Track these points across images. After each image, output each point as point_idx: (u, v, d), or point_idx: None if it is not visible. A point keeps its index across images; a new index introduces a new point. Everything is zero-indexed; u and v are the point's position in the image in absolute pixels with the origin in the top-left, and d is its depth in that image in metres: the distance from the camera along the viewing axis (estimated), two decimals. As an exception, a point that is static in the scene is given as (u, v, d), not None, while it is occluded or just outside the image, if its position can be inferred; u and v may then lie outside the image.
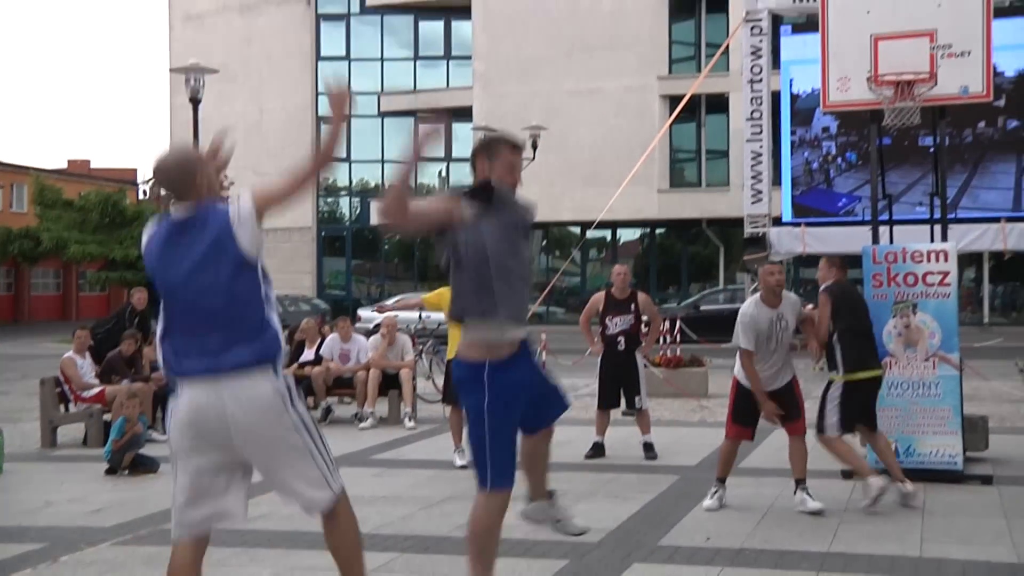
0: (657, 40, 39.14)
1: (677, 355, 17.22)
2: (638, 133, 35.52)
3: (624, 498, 8.76)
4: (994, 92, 12.68)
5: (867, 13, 11.88)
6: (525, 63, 39.53)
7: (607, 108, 38.54)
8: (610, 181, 28.57)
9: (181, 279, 4.58)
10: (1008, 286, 38.94)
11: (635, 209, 36.71)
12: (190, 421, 4.55)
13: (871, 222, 11.84)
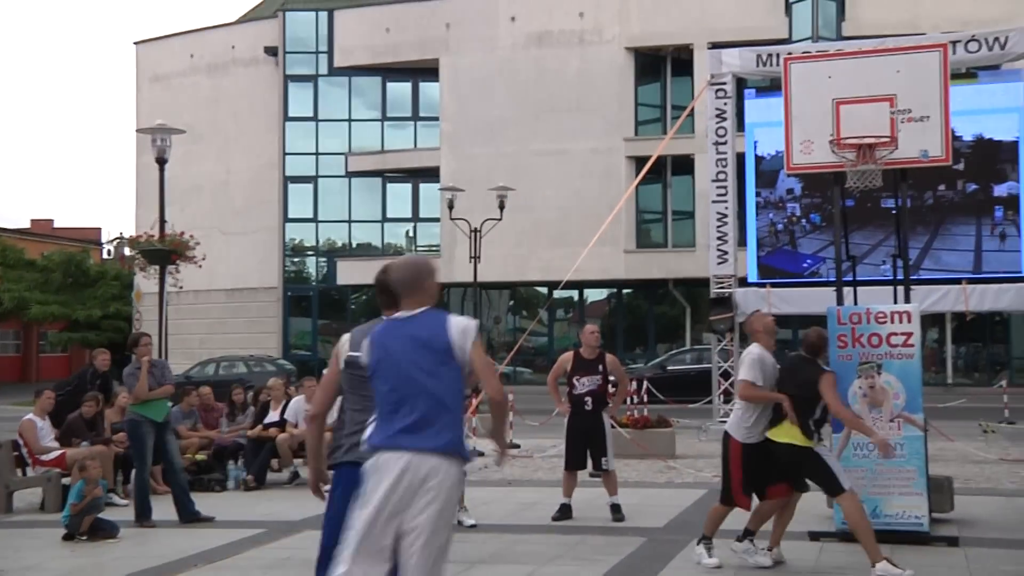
0: (623, 102, 39.52)
1: (644, 415, 17.23)
2: (605, 194, 35.73)
3: (591, 560, 8.72)
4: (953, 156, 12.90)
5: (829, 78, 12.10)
6: (492, 124, 39.76)
7: (574, 169, 38.75)
8: (577, 241, 28.67)
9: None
10: (971, 347, 39.32)
11: (602, 269, 36.83)
12: None
13: (835, 283, 11.98)
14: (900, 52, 12.90)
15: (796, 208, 22.03)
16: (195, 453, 13.88)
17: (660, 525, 10.42)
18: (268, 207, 43.34)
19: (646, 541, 9.54)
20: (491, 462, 16.03)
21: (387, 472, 5.05)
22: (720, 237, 20.30)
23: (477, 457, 16.33)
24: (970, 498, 11.39)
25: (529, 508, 11.27)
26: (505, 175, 32.56)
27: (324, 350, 43.85)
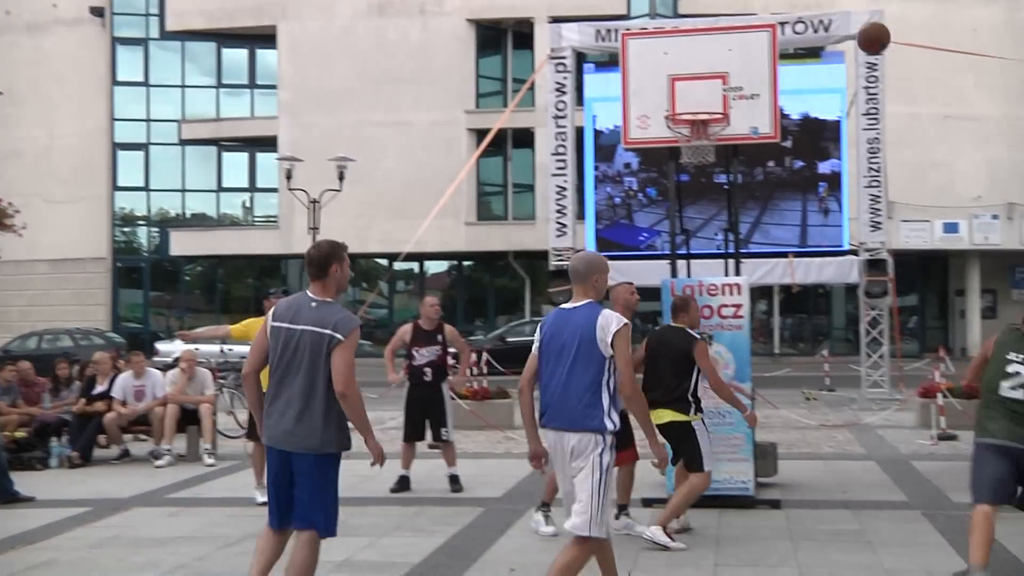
0: (464, 75, 39.55)
1: (483, 387, 17.35)
2: (445, 166, 35.67)
3: (429, 532, 8.78)
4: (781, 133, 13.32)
5: (664, 54, 12.33)
6: (332, 94, 39.29)
7: (415, 141, 38.64)
8: (417, 213, 28.55)
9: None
10: (796, 318, 40.88)
11: (442, 241, 36.93)
12: None
13: (670, 256, 12.24)
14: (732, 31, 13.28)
15: (633, 182, 22.42)
16: (14, 430, 13.37)
17: (497, 495, 10.54)
18: (96, 175, 41.92)
19: (484, 511, 9.65)
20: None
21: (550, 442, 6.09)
22: (559, 210, 20.56)
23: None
24: (792, 463, 11.85)
25: (367, 480, 11.25)
26: (345, 145, 32.26)
27: (156, 323, 42.77)
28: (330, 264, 6.10)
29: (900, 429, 15.72)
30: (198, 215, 43.50)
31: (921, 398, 16.04)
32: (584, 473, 5.84)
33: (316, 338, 5.84)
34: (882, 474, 11.59)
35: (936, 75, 34.32)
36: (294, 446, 5.89)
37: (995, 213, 37.66)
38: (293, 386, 5.90)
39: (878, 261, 19.88)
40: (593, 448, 5.85)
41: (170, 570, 7.56)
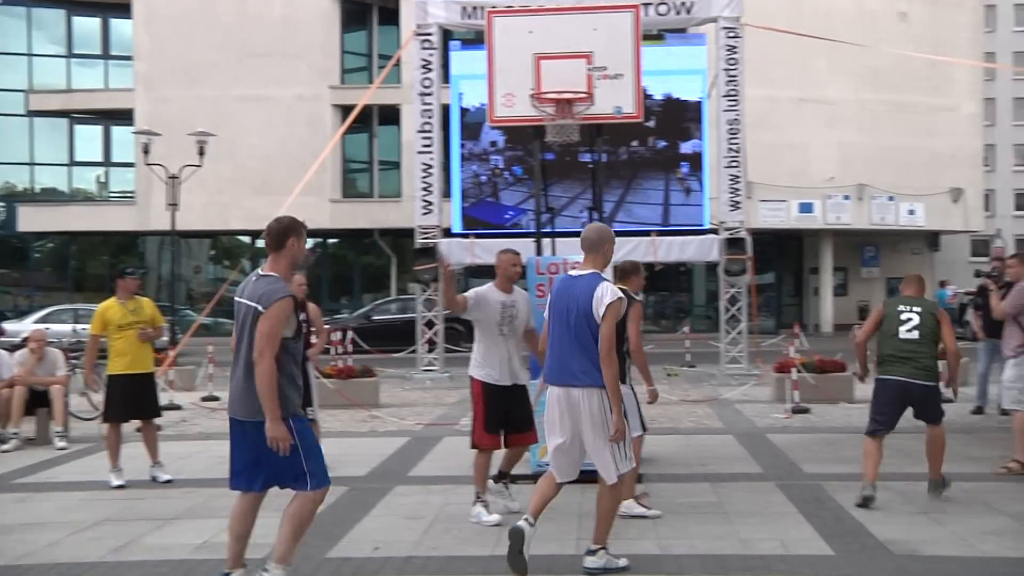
0: (329, 50, 39.08)
1: (349, 365, 17.24)
2: (310, 142, 35.26)
3: (291, 512, 8.67)
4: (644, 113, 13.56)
5: (530, 33, 12.41)
6: (191, 67, 38.37)
7: (278, 116, 38.07)
8: (281, 190, 28.23)
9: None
10: (659, 296, 41.66)
11: (307, 219, 34.70)
12: None
13: (535, 234, 12.33)
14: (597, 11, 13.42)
15: (499, 160, 22.50)
16: None
17: (362, 474, 10.49)
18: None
19: (348, 490, 9.58)
20: (188, 416, 15.68)
21: (550, 397, 6.78)
22: (425, 188, 20.53)
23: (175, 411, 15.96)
24: (654, 437, 12.02)
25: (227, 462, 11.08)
26: (206, 120, 31.58)
27: (3, 302, 41.25)
28: (287, 237, 6.28)
29: (757, 403, 16.11)
30: (48, 190, 42.20)
31: (776, 373, 16.47)
32: (596, 430, 6.57)
33: (251, 311, 6.00)
34: (739, 447, 11.87)
35: (792, 59, 35.22)
36: (243, 414, 6.04)
37: (847, 194, 38.96)
38: (240, 357, 6.07)
39: (737, 240, 20.33)
40: (600, 403, 6.55)
41: (17, 558, 7.32)
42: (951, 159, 40.79)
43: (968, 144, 41.98)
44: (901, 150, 39.40)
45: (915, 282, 9.27)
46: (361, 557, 7.28)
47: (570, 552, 7.27)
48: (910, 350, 8.79)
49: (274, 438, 5.86)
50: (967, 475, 9.92)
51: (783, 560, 6.99)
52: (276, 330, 5.88)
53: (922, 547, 7.26)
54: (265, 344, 5.82)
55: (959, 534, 7.62)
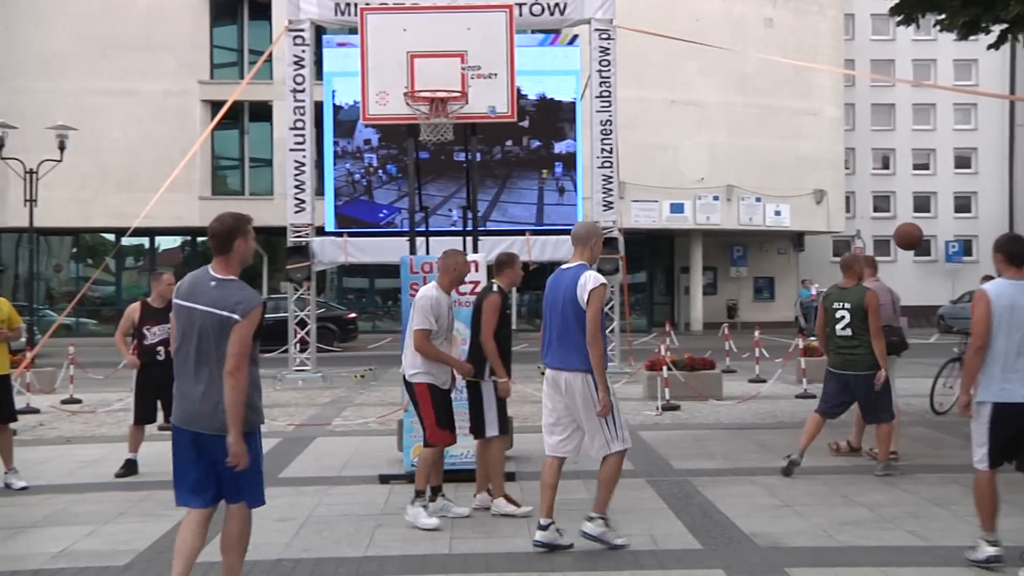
0: (198, 43, 38.31)
1: (218, 366, 16.88)
2: (178, 138, 34.61)
3: (158, 516, 8.47)
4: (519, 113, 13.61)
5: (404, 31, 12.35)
6: (50, 58, 37.15)
7: (144, 111, 37.17)
8: (148, 187, 27.57)
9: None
10: (533, 295, 41.78)
11: (175, 216, 35.77)
12: None
13: (409, 233, 12.27)
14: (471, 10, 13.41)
15: (373, 159, 22.38)
16: None
17: (233, 475, 10.28)
18: None
19: (218, 492, 9.39)
20: (46, 419, 15.18)
21: (546, 380, 7.50)
22: (298, 186, 20.26)
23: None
24: (527, 435, 12.08)
25: (90, 466, 10.78)
26: (66, 114, 30.65)
27: None
28: (234, 238, 5.91)
29: (629, 401, 16.28)
30: None
31: (648, 371, 16.71)
32: (587, 409, 7.14)
33: (215, 319, 5.60)
34: (611, 445, 12.02)
35: (663, 62, 35.80)
36: (202, 427, 5.66)
37: (716, 195, 39.75)
38: (196, 368, 5.69)
39: (610, 240, 20.43)
40: (583, 384, 7.10)
41: None
42: (814, 162, 41.98)
43: (830, 148, 43.27)
44: (767, 152, 40.37)
45: (849, 269, 10.00)
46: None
47: (442, 551, 7.25)
48: (846, 346, 9.78)
49: (237, 454, 5.51)
50: (826, 468, 10.24)
51: (653, 555, 7.10)
52: (251, 340, 5.60)
53: (785, 539, 7.45)
54: (244, 354, 5.53)
55: (820, 525, 7.85)
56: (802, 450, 9.78)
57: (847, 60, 47.02)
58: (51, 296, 39.20)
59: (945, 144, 52.28)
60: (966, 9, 13.39)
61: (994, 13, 13.29)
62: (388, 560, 7.06)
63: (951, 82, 49.02)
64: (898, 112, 52.07)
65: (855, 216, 49.61)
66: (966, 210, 52.12)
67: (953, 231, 51.35)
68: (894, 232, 11.13)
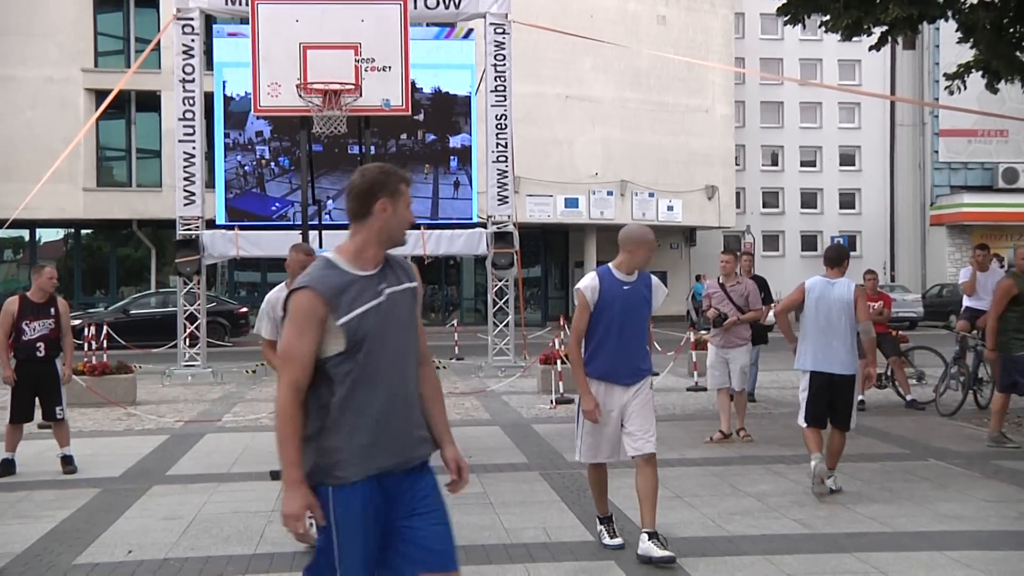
0: (81, 30, 37.25)
1: (103, 362, 16.55)
2: (60, 127, 33.74)
3: (36, 517, 8.26)
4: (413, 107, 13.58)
5: (296, 22, 12.23)
6: (-72, 44, 35.92)
7: (23, 98, 36.05)
8: (29, 177, 26.92)
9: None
10: (428, 288, 41.74)
11: (57, 208, 34.89)
12: None
13: (302, 226, 12.17)
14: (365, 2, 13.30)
15: (265, 151, 22.08)
16: None
17: (116, 475, 10.09)
18: None
19: (100, 492, 9.21)
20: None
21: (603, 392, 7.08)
22: (187, 178, 19.88)
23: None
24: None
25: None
26: (-56, 101, 29.71)
27: None
28: (374, 198, 3.98)
29: (523, 395, 16.39)
30: None
31: (542, 365, 16.79)
32: (646, 407, 7.04)
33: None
34: (505, 438, 12.05)
35: (558, 57, 35.98)
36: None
37: (610, 190, 40.09)
38: None
39: (505, 234, 20.53)
40: (646, 387, 7.08)
41: None
42: (706, 158, 42.60)
43: (721, 144, 43.95)
44: (660, 148, 40.87)
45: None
46: (113, 562, 6.99)
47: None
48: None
49: (283, 514, 3.94)
50: (716, 459, 10.40)
51: (546, 547, 7.13)
52: (293, 342, 3.87)
53: (675, 529, 7.54)
54: (280, 364, 3.93)
55: (709, 516, 7.98)
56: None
57: (737, 58, 47.79)
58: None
59: (831, 142, 53.47)
60: (848, 11, 13.73)
61: (875, 16, 13.64)
62: (279, 557, 6.97)
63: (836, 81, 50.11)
64: (786, 110, 53.10)
65: (745, 212, 50.48)
66: (850, 206, 53.40)
67: (838, 226, 52.58)
68: None
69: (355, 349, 3.81)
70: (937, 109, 48.16)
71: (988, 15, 13.75)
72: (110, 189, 38.04)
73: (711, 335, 11.94)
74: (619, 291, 6.90)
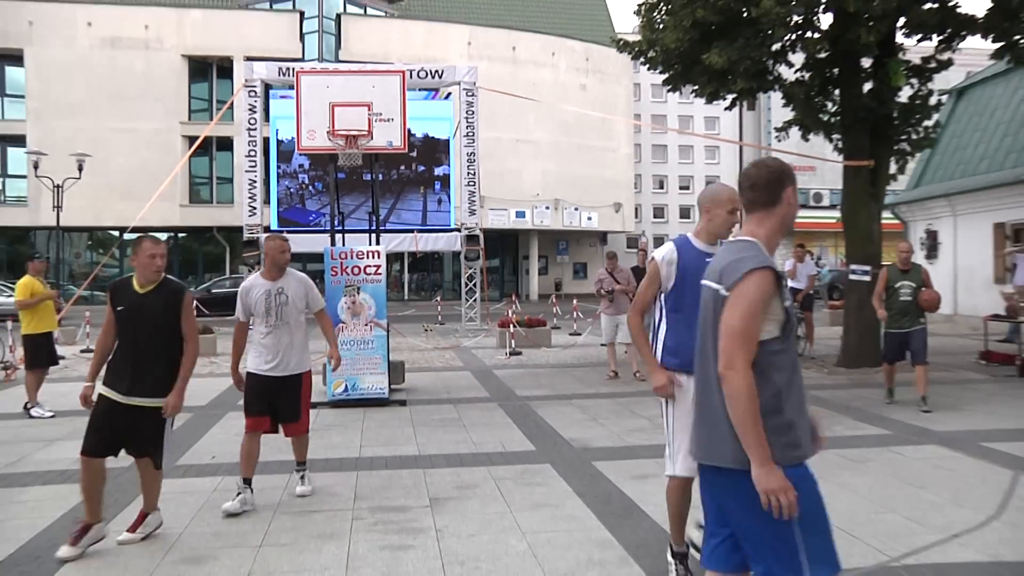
0: (180, 95, 36.61)
1: (194, 326, 16.17)
2: (164, 162, 33.20)
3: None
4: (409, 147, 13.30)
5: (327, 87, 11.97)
6: (73, 104, 35.13)
7: (140, 142, 35.40)
8: (144, 197, 26.41)
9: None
10: (420, 274, 41.53)
11: (163, 218, 34.39)
12: None
13: (330, 231, 11.93)
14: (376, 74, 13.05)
15: (305, 178, 21.77)
16: None
17: (203, 404, 9.83)
18: None
19: (192, 416, 8.96)
20: (69, 364, 14.36)
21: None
22: (251, 197, 19.50)
23: None
24: (415, 374, 11.98)
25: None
26: (84, 144, 29.12)
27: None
28: (783, 187, 2.88)
29: (486, 349, 16.27)
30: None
31: (500, 328, 16.66)
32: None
33: (710, 295, 2.86)
34: (474, 380, 11.93)
35: (511, 112, 35.73)
36: (706, 457, 2.83)
37: (547, 205, 39.95)
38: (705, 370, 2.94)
39: (473, 236, 20.38)
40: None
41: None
42: (614, 183, 42.56)
43: (624, 174, 43.92)
44: (582, 176, 40.77)
45: (905, 258, 8.98)
46: (202, 463, 6.82)
47: (353, 455, 7.04)
48: (901, 310, 9.00)
49: (767, 490, 2.59)
50: (619, 393, 10.34)
51: (502, 455, 7.03)
52: (751, 322, 2.67)
53: (591, 442, 7.47)
54: (735, 345, 2.66)
55: (615, 432, 7.90)
56: (890, 386, 9.43)
57: (636, 114, 47.77)
58: (72, 276, 37.17)
59: (700, 172, 53.71)
60: (710, 83, 13.68)
61: (727, 87, 13.61)
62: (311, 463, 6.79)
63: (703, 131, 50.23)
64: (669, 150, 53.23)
65: (641, 220, 50.61)
66: (712, 217, 53.59)
67: (704, 231, 52.72)
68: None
69: (788, 332, 2.73)
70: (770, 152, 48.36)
71: (801, 89, 13.81)
72: (198, 205, 37.44)
73: (602, 307, 11.91)
74: (701, 264, 3.57)
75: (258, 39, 36.40)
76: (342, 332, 9.37)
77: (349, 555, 4.60)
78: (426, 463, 6.79)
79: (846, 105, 13.42)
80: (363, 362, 9.50)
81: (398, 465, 6.70)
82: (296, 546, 4.75)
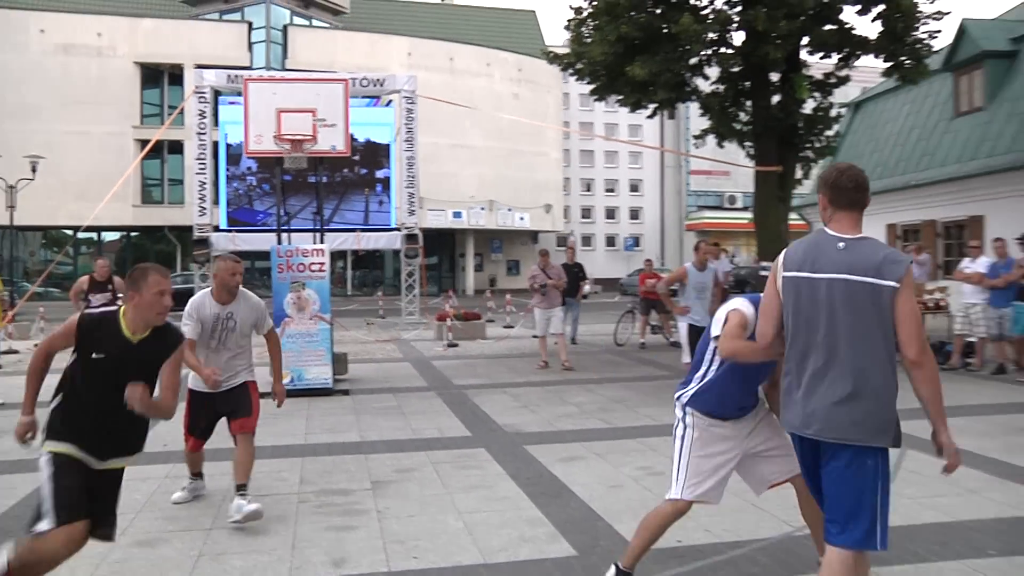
0: (132, 100, 35.51)
1: (145, 321, 15.66)
2: (118, 164, 32.14)
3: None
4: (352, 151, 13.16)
5: (274, 94, 11.74)
6: (27, 109, 33.80)
7: (93, 145, 34.26)
8: (97, 198, 25.51)
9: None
10: (362, 271, 41.09)
11: (115, 218, 33.33)
12: None
13: (277, 230, 11.72)
14: (320, 82, 12.85)
15: (253, 180, 21.31)
16: None
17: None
18: None
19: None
20: (23, 357, 13.78)
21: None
22: (201, 198, 19.02)
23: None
24: (358, 365, 11.81)
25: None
26: (38, 147, 27.94)
27: None
28: (867, 189, 2.87)
29: (425, 341, 16.15)
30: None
31: (437, 321, 16.55)
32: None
33: (859, 288, 2.71)
34: (413, 370, 11.81)
35: (448, 119, 35.60)
36: (838, 433, 2.75)
37: (482, 206, 39.92)
38: (831, 358, 2.76)
39: (413, 235, 20.16)
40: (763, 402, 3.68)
41: None
42: (544, 185, 42.75)
43: (554, 177, 44.15)
44: (515, 179, 40.84)
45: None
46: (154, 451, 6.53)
47: (299, 442, 6.90)
48: None
49: (957, 452, 2.80)
50: (549, 381, 10.37)
51: (439, 440, 6.97)
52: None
53: (523, 427, 7.46)
54: (922, 331, 2.72)
55: (546, 418, 7.90)
56: None
57: (565, 121, 48.07)
58: (27, 273, 35.73)
59: (624, 176, 54.34)
60: (633, 94, 13.83)
61: (649, 98, 13.78)
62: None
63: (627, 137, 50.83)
64: (596, 155, 53.71)
65: (570, 221, 50.96)
66: (636, 218, 54.43)
67: (628, 231, 53.56)
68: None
69: None
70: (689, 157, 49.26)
71: (717, 100, 14.07)
72: (150, 205, 36.38)
73: (535, 301, 11.83)
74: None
75: (208, 48, 35.52)
76: (288, 326, 9.18)
77: (295, 536, 4.51)
78: (368, 449, 6.68)
79: (757, 115, 13.72)
80: (308, 354, 9.33)
81: (341, 451, 6.59)
82: (245, 528, 4.63)
